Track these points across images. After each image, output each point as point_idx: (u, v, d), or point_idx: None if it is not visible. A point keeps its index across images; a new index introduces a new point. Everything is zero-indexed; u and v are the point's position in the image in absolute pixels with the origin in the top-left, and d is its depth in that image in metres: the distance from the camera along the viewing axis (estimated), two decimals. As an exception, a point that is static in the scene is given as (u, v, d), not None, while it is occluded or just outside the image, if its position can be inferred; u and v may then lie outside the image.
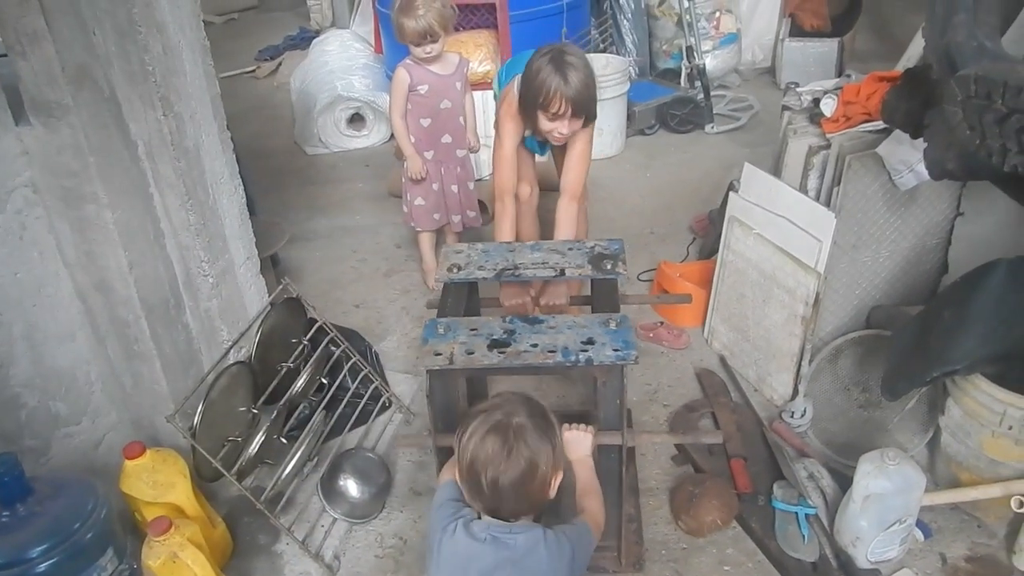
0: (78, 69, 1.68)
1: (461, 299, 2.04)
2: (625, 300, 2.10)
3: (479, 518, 1.46)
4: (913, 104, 1.58)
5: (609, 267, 2.03)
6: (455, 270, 2.05)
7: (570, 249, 2.12)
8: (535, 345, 1.74)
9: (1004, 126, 1.21)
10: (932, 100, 1.60)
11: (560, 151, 2.63)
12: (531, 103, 2.31)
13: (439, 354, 1.74)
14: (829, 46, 4.51)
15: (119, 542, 1.79)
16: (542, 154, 2.80)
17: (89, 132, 1.74)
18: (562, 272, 2.03)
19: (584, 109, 2.30)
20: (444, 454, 1.77)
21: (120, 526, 1.85)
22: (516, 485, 1.39)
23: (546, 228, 2.89)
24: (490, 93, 3.25)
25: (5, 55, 1.72)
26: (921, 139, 1.61)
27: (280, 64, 5.58)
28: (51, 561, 1.63)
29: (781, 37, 4.66)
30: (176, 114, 1.87)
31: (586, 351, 1.71)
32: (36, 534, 1.64)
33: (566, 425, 1.70)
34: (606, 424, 1.78)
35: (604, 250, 2.09)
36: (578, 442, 1.67)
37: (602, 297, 2.05)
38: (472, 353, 1.74)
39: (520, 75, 2.38)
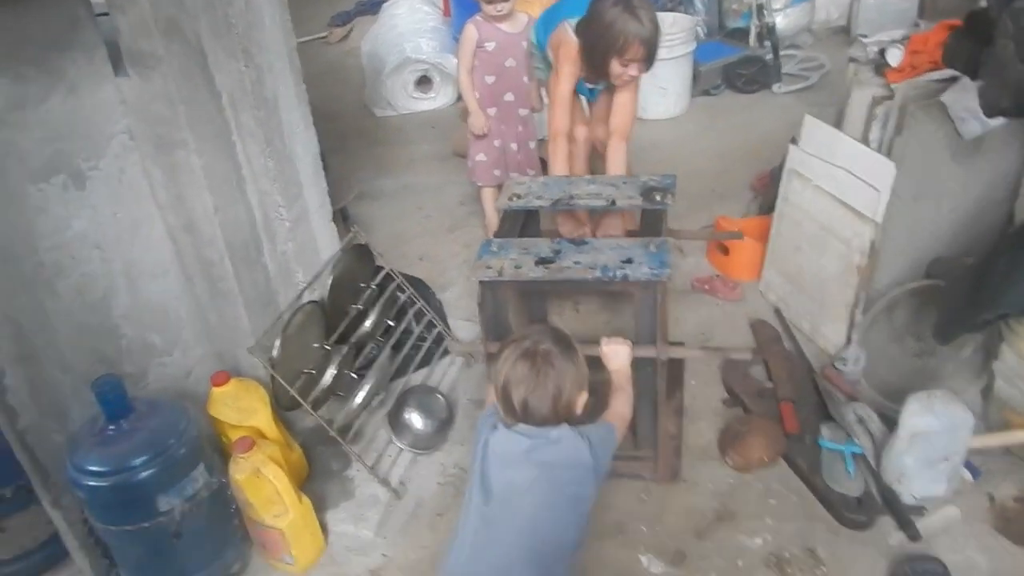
0: (169, 22, 1.83)
1: (517, 224, 2.22)
2: (675, 235, 2.21)
3: None
4: (974, 46, 1.57)
5: (658, 199, 2.14)
6: (515, 199, 2.22)
7: (624, 183, 2.26)
8: (577, 262, 1.90)
9: (1052, 58, 1.23)
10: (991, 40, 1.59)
11: (606, 96, 2.73)
12: (604, 51, 2.41)
13: (490, 268, 1.92)
14: (909, 2, 4.37)
15: (209, 459, 1.96)
16: (591, 98, 2.88)
17: (179, 82, 1.89)
18: (613, 202, 2.16)
19: (655, 50, 2.44)
20: (494, 360, 1.92)
21: (209, 446, 2.04)
22: (544, 402, 1.54)
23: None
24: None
25: (106, 14, 1.89)
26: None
27: (351, 29, 5.73)
28: (151, 471, 1.80)
29: (858, -6, 4.54)
30: (256, 66, 2.01)
31: (623, 269, 1.86)
32: (137, 446, 1.82)
33: (605, 339, 1.85)
34: (641, 338, 1.92)
35: (656, 184, 2.22)
36: (616, 354, 1.83)
37: (649, 226, 2.19)
38: (520, 268, 1.91)
39: (570, 21, 2.49)
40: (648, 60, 2.45)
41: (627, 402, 1.77)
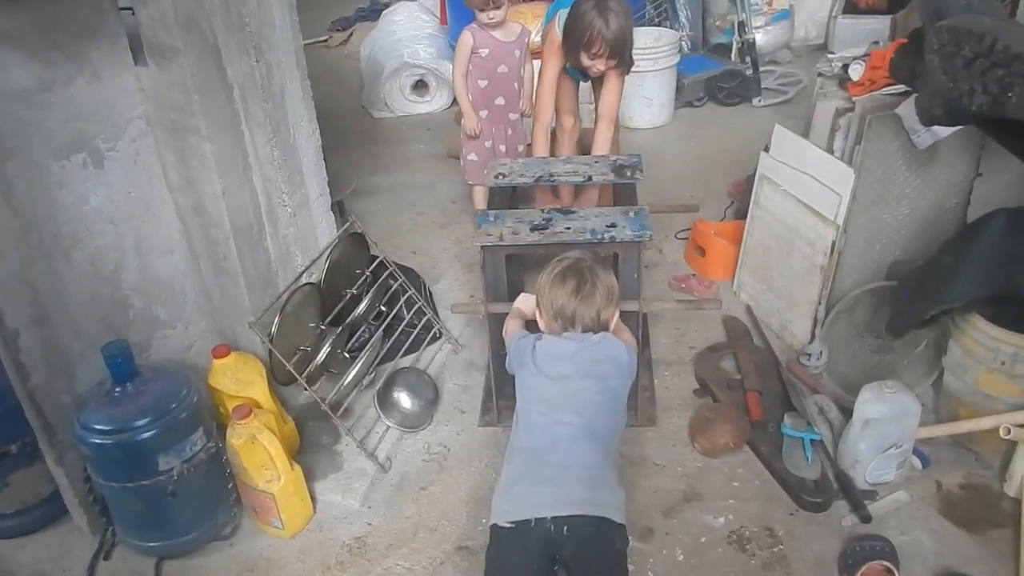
0: (188, 18, 1.97)
1: (506, 199, 2.52)
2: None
3: None
4: (915, 60, 1.74)
5: (628, 174, 2.43)
6: (501, 177, 2.46)
7: (596, 162, 2.53)
8: (568, 228, 2.14)
9: (970, 70, 1.39)
10: (926, 54, 1.75)
11: (599, 84, 2.97)
12: (575, 42, 2.65)
13: (490, 235, 2.14)
14: (882, 23, 4.57)
15: (207, 424, 2.08)
16: (584, 81, 3.10)
17: (194, 73, 2.03)
18: (589, 178, 2.43)
19: (620, 51, 2.65)
20: (495, 320, 2.19)
21: (207, 414, 2.16)
22: (590, 310, 1.80)
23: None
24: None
25: (129, 8, 2.03)
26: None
27: (351, 34, 5.89)
28: (152, 432, 1.92)
29: (834, 14, 4.74)
30: (266, 61, 2.15)
31: (610, 232, 2.11)
32: (141, 408, 1.93)
33: None
34: (625, 294, 2.13)
35: (625, 162, 2.51)
36: None
37: (623, 198, 2.50)
38: (517, 234, 2.13)
39: (561, 12, 2.71)
40: (613, 58, 2.66)
41: (631, 336, 2.00)
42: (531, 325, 2.05)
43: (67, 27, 1.88)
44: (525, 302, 2.10)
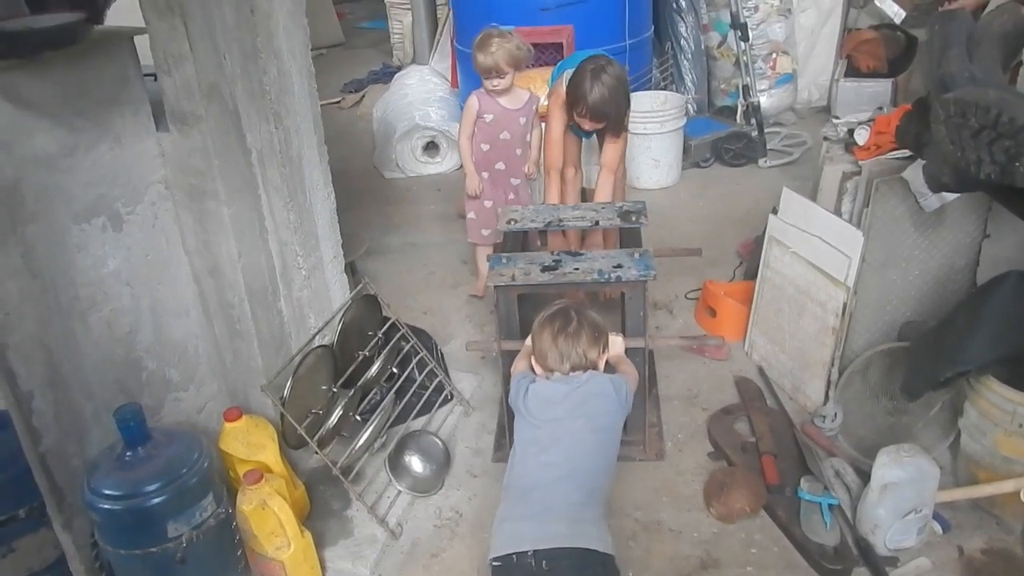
0: (210, 86, 2.02)
1: (517, 243, 2.67)
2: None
3: None
4: (921, 127, 1.78)
5: (634, 219, 2.55)
6: (512, 222, 2.59)
7: (603, 208, 2.67)
8: (577, 268, 2.26)
9: (977, 140, 1.42)
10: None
11: (602, 142, 3.13)
12: (569, 99, 2.85)
13: (503, 275, 2.26)
14: (883, 86, 4.67)
15: (218, 489, 2.06)
16: (587, 139, 3.25)
17: (215, 139, 2.08)
18: (596, 223, 2.56)
19: (603, 115, 2.84)
20: (508, 356, 2.27)
21: (218, 478, 2.14)
22: (577, 349, 1.88)
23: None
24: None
25: (152, 75, 2.09)
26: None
27: (363, 96, 6.02)
28: (162, 497, 1.90)
29: (836, 77, 4.84)
30: (285, 127, 2.20)
31: (616, 272, 2.23)
32: (152, 473, 1.91)
33: None
34: (631, 331, 2.26)
35: (631, 208, 2.64)
36: (613, 344, 2.09)
37: (629, 241, 2.64)
38: (528, 274, 2.25)
39: (567, 71, 2.90)
40: (596, 120, 2.83)
41: (632, 369, 2.07)
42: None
43: (93, 94, 1.94)
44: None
